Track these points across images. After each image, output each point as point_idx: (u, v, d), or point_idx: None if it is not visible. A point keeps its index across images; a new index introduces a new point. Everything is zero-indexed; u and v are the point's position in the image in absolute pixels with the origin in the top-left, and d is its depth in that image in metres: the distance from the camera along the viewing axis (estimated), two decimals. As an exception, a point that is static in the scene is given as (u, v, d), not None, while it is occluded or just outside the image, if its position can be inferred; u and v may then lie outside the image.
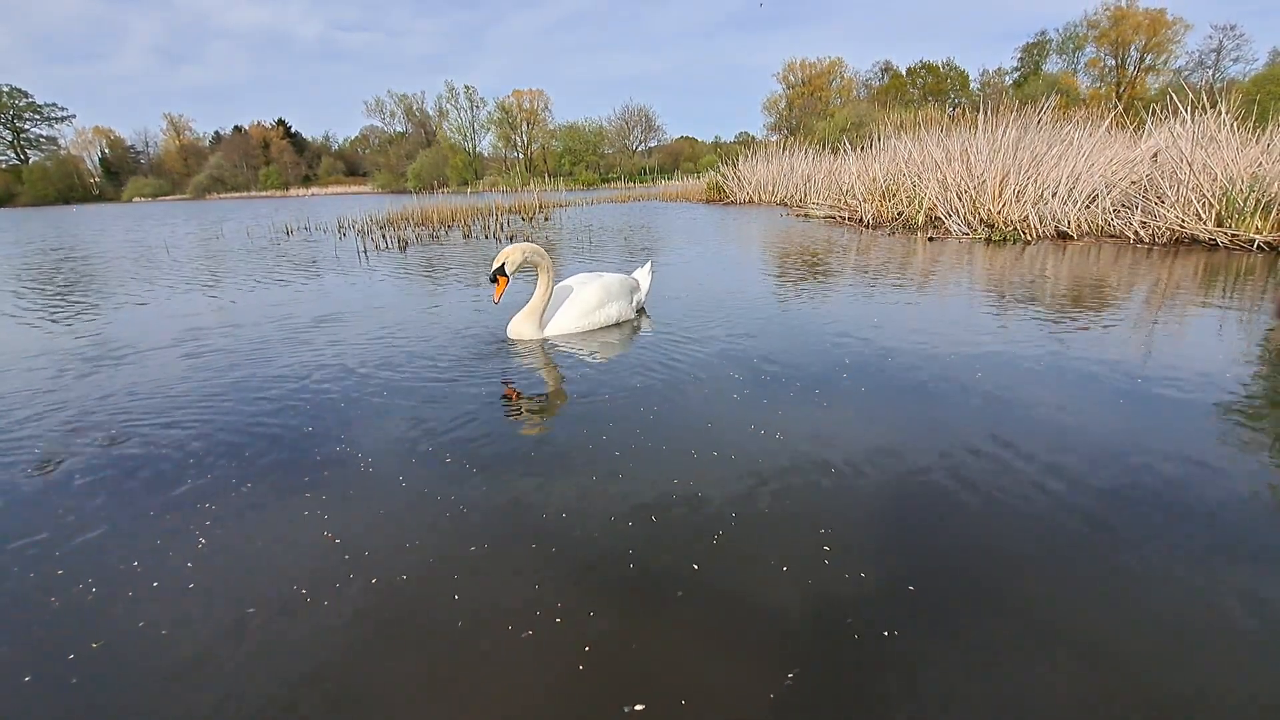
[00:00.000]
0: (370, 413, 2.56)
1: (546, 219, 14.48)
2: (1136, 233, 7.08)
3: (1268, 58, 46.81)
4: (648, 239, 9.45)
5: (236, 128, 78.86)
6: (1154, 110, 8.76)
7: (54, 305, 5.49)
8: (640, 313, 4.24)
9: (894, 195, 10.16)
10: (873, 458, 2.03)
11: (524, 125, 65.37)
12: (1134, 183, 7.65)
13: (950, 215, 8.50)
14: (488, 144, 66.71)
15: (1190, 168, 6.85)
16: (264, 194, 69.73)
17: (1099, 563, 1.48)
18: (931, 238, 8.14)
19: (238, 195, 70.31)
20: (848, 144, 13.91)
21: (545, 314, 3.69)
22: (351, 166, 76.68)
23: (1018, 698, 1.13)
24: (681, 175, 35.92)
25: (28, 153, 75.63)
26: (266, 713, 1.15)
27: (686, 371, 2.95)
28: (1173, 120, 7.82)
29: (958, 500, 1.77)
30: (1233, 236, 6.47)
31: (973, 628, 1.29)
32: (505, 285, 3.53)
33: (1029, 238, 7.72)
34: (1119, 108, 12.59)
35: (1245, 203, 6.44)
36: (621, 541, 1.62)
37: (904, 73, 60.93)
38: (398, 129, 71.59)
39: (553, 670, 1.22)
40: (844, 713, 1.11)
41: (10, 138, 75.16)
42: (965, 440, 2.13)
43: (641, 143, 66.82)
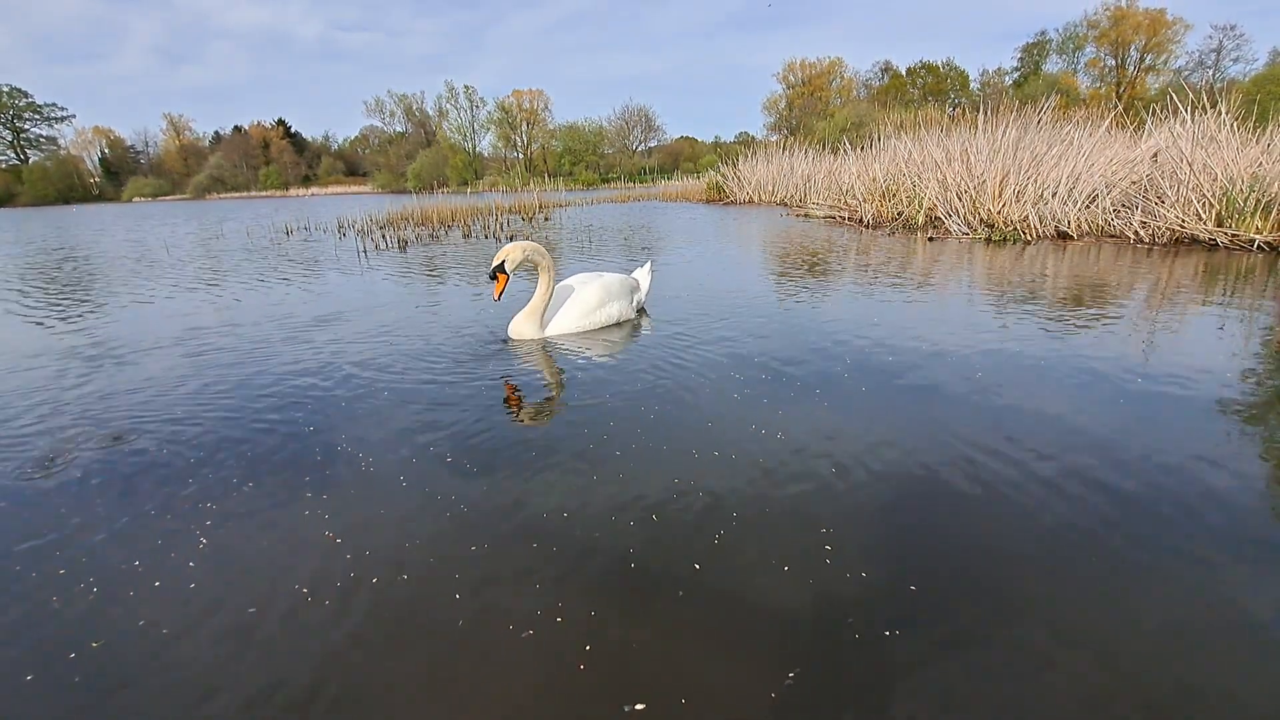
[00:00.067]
0: (371, 412, 2.56)
1: (546, 219, 14.48)
2: (1136, 233, 7.08)
3: (1268, 58, 46.88)
4: (648, 239, 9.45)
5: (236, 128, 78.89)
6: (1154, 110, 8.77)
7: (55, 305, 5.49)
8: (640, 312, 4.24)
9: (894, 195, 10.16)
10: (873, 457, 2.03)
11: (524, 125, 65.33)
12: (1134, 183, 7.65)
13: (950, 215, 8.50)
14: (488, 144, 66.79)
15: (1190, 168, 6.85)
16: (264, 194, 69.71)
17: (1100, 562, 1.49)
18: (931, 238, 8.14)
19: (238, 195, 70.30)
20: (848, 144, 13.91)
21: (546, 314, 3.70)
22: (351, 166, 76.64)
23: (1018, 697, 1.13)
24: (681, 175, 35.92)
25: (28, 153, 75.68)
26: (267, 712, 1.15)
27: (687, 371, 2.95)
28: (1173, 120, 7.82)
29: (959, 500, 1.78)
30: (1233, 236, 6.47)
31: (974, 627, 1.29)
32: (505, 283, 3.54)
33: (1029, 238, 7.72)
34: (1119, 108, 12.59)
35: (1245, 203, 6.44)
36: (622, 541, 1.62)
37: (904, 73, 60.92)
38: (398, 129, 71.63)
39: (553, 670, 1.22)
40: (845, 713, 1.11)
41: (10, 138, 75.20)
42: (966, 440, 2.13)
43: (641, 143, 66.85)
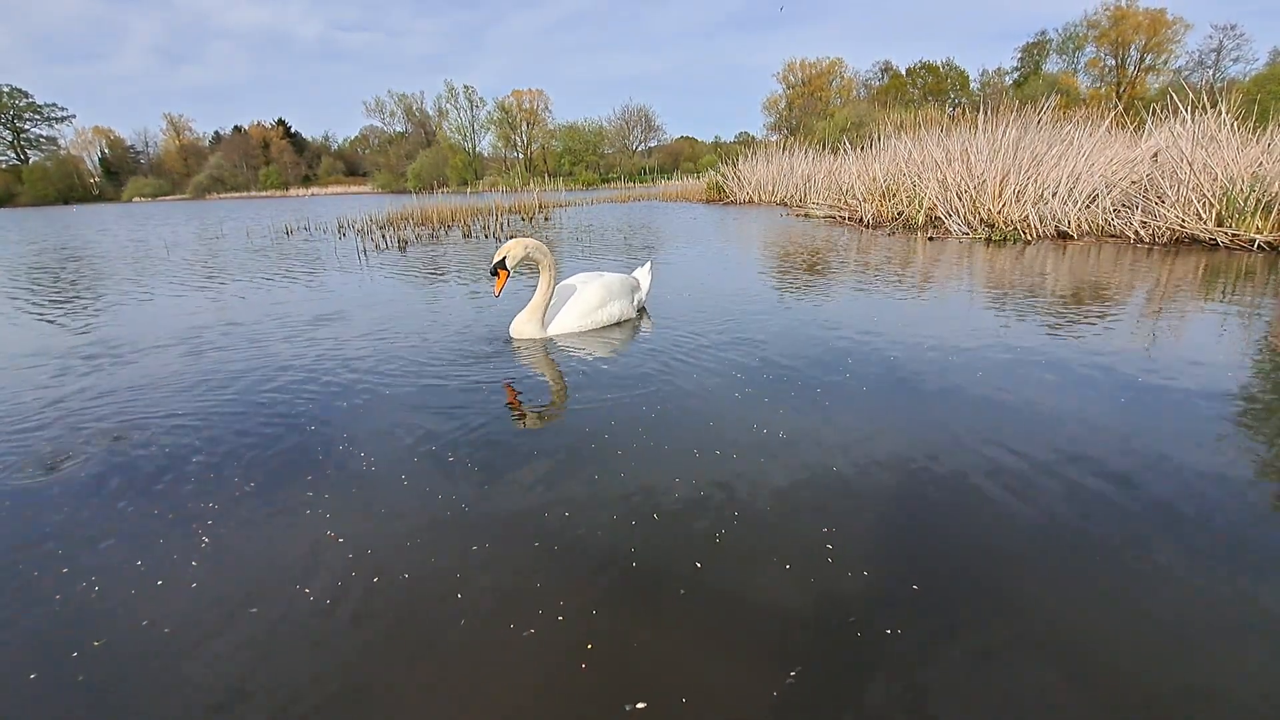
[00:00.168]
0: (372, 412, 2.56)
1: (546, 219, 14.48)
2: (1137, 232, 7.08)
3: (1268, 58, 46.84)
4: (648, 238, 9.45)
5: (236, 128, 78.84)
6: (1154, 110, 8.76)
7: (57, 304, 5.49)
8: (641, 312, 4.24)
9: (894, 195, 10.16)
10: (874, 457, 2.03)
11: (524, 125, 65.30)
12: (1134, 182, 7.65)
13: (950, 215, 8.50)
14: (488, 144, 66.72)
15: (1190, 167, 6.85)
16: (264, 194, 69.68)
17: (1100, 562, 1.49)
18: (931, 237, 8.14)
19: (238, 195, 70.26)
20: (848, 144, 13.91)
21: (547, 313, 3.70)
22: (351, 166, 76.62)
23: (1018, 697, 1.13)
24: (681, 175, 35.91)
25: (28, 153, 75.58)
26: (268, 711, 1.15)
27: (688, 370, 2.95)
28: (1173, 120, 7.82)
29: (959, 499, 1.78)
30: (1233, 236, 6.47)
31: (975, 627, 1.30)
32: (506, 279, 3.54)
33: (1029, 238, 7.72)
34: (1119, 108, 12.60)
35: (1245, 202, 6.44)
36: (623, 540, 1.62)
37: (904, 73, 60.92)
38: (398, 129, 71.56)
39: (554, 668, 1.22)
40: (845, 712, 1.11)
41: (10, 138, 75.11)
42: (966, 439, 2.13)
43: (641, 143, 66.83)
